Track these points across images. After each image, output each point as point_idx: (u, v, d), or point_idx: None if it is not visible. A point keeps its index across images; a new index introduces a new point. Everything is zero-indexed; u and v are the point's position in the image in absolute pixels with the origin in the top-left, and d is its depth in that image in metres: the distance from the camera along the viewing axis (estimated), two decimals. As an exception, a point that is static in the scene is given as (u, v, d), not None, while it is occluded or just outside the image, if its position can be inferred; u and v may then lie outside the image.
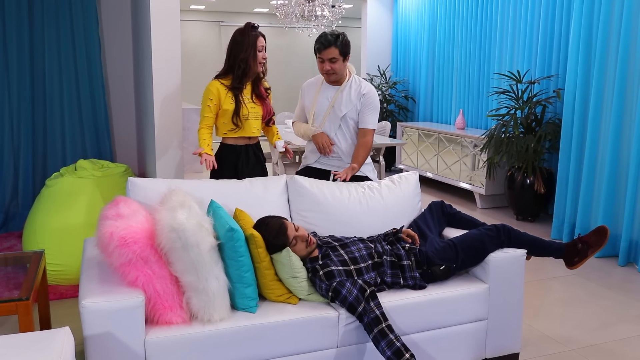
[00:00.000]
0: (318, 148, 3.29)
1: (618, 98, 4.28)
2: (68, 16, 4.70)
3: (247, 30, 3.10)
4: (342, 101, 3.25)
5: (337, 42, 3.11)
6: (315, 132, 3.29)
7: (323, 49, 3.12)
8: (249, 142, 3.30)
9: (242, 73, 3.11)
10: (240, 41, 3.11)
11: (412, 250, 2.64)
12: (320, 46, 3.13)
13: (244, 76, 3.12)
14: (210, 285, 2.16)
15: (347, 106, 3.25)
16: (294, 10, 6.47)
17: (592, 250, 2.83)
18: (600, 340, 3.05)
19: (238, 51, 3.10)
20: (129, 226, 2.11)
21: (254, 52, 3.08)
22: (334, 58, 3.13)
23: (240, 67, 3.09)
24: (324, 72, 3.21)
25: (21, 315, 2.12)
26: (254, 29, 3.12)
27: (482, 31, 6.40)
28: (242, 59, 3.08)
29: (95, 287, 2.12)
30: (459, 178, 6.33)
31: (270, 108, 3.32)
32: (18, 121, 4.69)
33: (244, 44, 3.09)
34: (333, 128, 3.29)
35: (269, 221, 2.45)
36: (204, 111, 3.16)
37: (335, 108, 3.26)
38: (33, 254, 2.69)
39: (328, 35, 3.13)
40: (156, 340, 2.09)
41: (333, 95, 3.26)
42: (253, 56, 3.08)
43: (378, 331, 2.21)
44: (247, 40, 3.08)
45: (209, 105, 3.12)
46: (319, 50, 3.15)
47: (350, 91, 3.26)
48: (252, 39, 3.08)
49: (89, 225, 3.54)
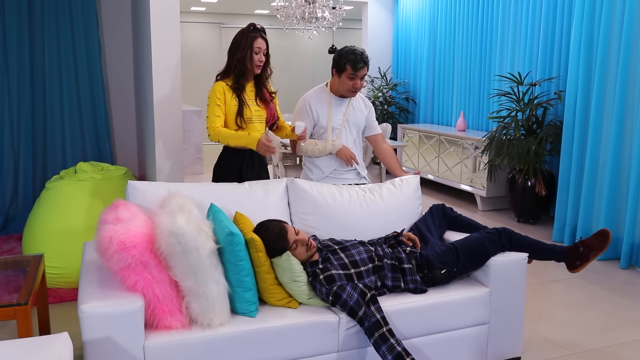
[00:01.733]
0: (345, 161, 3.26)
1: (619, 100, 4.27)
2: (68, 18, 4.70)
3: (247, 31, 3.08)
4: (354, 113, 3.29)
5: (368, 61, 3.14)
6: (338, 147, 3.24)
7: (363, 67, 3.09)
8: None
9: (240, 73, 3.07)
10: (238, 41, 3.08)
11: (413, 253, 2.63)
12: (362, 65, 3.08)
13: (241, 77, 3.08)
14: (210, 289, 2.14)
15: (360, 117, 3.31)
16: (294, 12, 6.46)
17: (594, 253, 2.81)
18: (602, 344, 3.04)
19: (235, 51, 3.08)
20: (128, 230, 2.10)
21: (251, 53, 3.04)
22: (365, 75, 3.15)
23: (237, 68, 3.06)
24: (354, 88, 3.16)
25: (20, 320, 2.11)
26: (254, 30, 3.08)
27: (483, 33, 6.39)
28: (239, 60, 3.05)
29: (95, 291, 2.11)
30: (460, 180, 6.32)
31: (274, 112, 3.25)
32: (18, 123, 4.68)
33: (241, 44, 3.05)
34: (350, 140, 3.30)
35: (269, 225, 2.44)
36: (214, 110, 3.05)
37: (349, 121, 3.27)
38: (32, 258, 2.68)
39: (364, 53, 3.12)
40: (156, 345, 2.08)
41: (345, 108, 3.27)
42: (249, 57, 3.04)
43: (379, 335, 2.20)
44: (245, 41, 3.05)
45: (219, 104, 3.04)
46: (359, 68, 3.08)
47: (357, 101, 3.31)
48: (250, 39, 3.04)
49: (88, 228, 3.53)
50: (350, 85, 3.14)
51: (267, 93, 3.21)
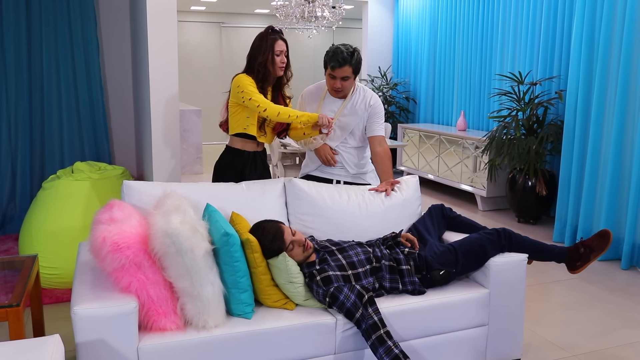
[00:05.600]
0: (322, 161, 3.16)
1: (620, 99, 4.24)
2: (66, 18, 4.67)
3: (265, 34, 3.00)
4: (348, 114, 3.13)
5: (352, 60, 2.95)
6: (317, 145, 3.14)
7: (338, 67, 2.95)
8: (256, 148, 3.13)
9: (262, 77, 2.99)
10: (258, 45, 3.00)
11: (412, 254, 2.60)
12: (335, 64, 2.95)
13: (264, 81, 3.00)
14: (204, 290, 2.12)
15: (352, 120, 3.12)
16: (294, 11, 6.43)
17: (595, 254, 2.79)
18: (603, 346, 3.01)
19: (256, 55, 2.99)
20: (122, 231, 2.08)
21: (272, 56, 2.97)
22: (346, 77, 2.99)
23: (259, 72, 2.98)
24: (333, 89, 3.06)
25: (11, 322, 2.09)
26: (273, 32, 3.01)
27: (484, 32, 6.36)
28: (260, 63, 2.97)
29: (88, 292, 2.08)
30: (460, 180, 6.29)
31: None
32: (16, 123, 4.66)
33: (262, 47, 2.97)
34: (336, 140, 3.16)
35: (265, 225, 2.41)
36: (254, 91, 2.88)
37: (341, 121, 3.12)
38: (26, 259, 2.65)
39: (344, 52, 2.94)
40: (150, 347, 2.05)
41: (338, 108, 3.13)
42: (271, 61, 2.97)
43: (376, 337, 2.17)
44: (265, 44, 2.97)
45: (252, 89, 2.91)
46: (333, 67, 2.97)
47: (357, 103, 3.13)
48: (270, 42, 2.97)
49: (85, 228, 3.50)
50: (330, 84, 3.05)
51: (282, 99, 3.13)
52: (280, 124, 3.10)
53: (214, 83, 11.34)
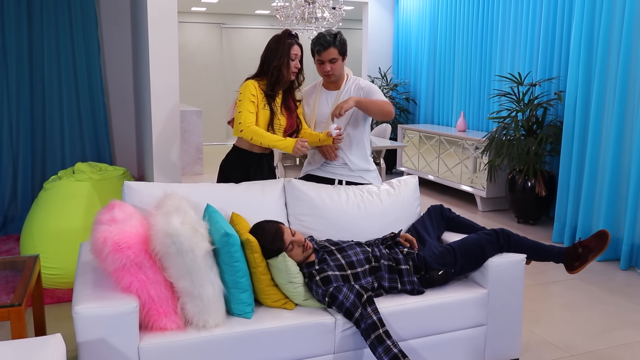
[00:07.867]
0: (323, 154, 3.19)
1: (619, 100, 4.25)
2: (67, 18, 4.69)
3: (282, 38, 2.98)
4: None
5: (336, 41, 3.03)
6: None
7: (323, 50, 3.04)
8: (264, 151, 3.08)
9: (275, 81, 2.98)
10: (274, 48, 2.98)
11: (410, 254, 2.62)
12: (320, 48, 3.04)
13: (276, 84, 2.99)
14: (205, 290, 2.13)
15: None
16: (294, 12, 6.45)
17: (593, 254, 2.80)
18: (601, 346, 3.02)
19: (272, 58, 2.97)
20: (123, 231, 2.09)
21: (288, 60, 2.95)
22: (334, 59, 3.05)
23: (273, 75, 2.97)
24: (324, 73, 3.12)
25: (13, 322, 2.10)
26: (290, 36, 3.00)
27: (483, 33, 6.38)
28: (275, 67, 2.95)
29: (89, 292, 2.10)
30: (460, 181, 6.30)
31: (294, 122, 3.11)
32: (17, 124, 4.67)
33: (278, 51, 2.95)
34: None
35: (265, 226, 2.42)
36: (248, 106, 2.89)
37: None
38: (27, 259, 2.67)
39: (326, 35, 3.04)
40: (150, 346, 2.07)
41: (334, 100, 3.18)
42: (286, 65, 2.95)
43: (375, 337, 2.18)
44: (282, 48, 2.95)
45: (253, 100, 2.92)
46: (318, 52, 3.06)
47: (350, 90, 3.18)
48: (287, 46, 2.95)
49: (86, 228, 3.52)
50: (321, 70, 3.12)
51: (292, 102, 3.13)
52: (290, 127, 3.10)
53: (214, 84, 11.36)
